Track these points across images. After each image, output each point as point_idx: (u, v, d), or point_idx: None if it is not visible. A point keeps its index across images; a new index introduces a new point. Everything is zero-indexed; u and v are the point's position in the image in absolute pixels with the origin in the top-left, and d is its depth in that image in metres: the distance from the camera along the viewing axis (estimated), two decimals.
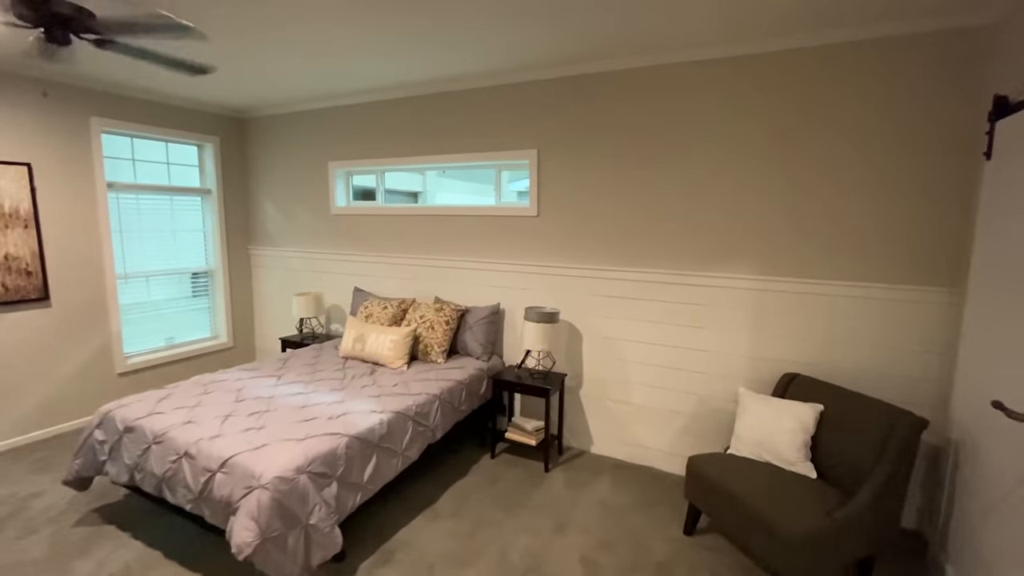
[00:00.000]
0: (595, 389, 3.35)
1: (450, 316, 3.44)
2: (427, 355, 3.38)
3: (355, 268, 4.21)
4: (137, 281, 4.09)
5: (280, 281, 4.69)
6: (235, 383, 2.89)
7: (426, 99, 3.67)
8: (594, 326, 3.29)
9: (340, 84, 3.61)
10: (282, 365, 3.26)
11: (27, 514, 2.61)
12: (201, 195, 4.51)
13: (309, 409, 2.53)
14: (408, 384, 2.93)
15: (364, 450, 2.33)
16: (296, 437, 2.21)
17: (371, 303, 3.75)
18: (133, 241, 4.03)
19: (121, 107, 3.78)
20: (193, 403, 2.58)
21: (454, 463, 3.20)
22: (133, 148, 4.05)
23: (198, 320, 4.62)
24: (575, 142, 3.19)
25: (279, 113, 4.41)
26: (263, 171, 4.62)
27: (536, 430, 3.20)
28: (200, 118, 4.33)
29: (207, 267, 4.60)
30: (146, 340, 4.21)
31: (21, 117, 3.26)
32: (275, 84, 3.64)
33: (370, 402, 2.63)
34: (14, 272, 3.29)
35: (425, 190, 12.32)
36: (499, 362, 3.56)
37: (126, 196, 3.95)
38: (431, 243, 3.82)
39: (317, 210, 4.34)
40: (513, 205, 3.57)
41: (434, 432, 2.80)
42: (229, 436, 2.22)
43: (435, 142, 3.69)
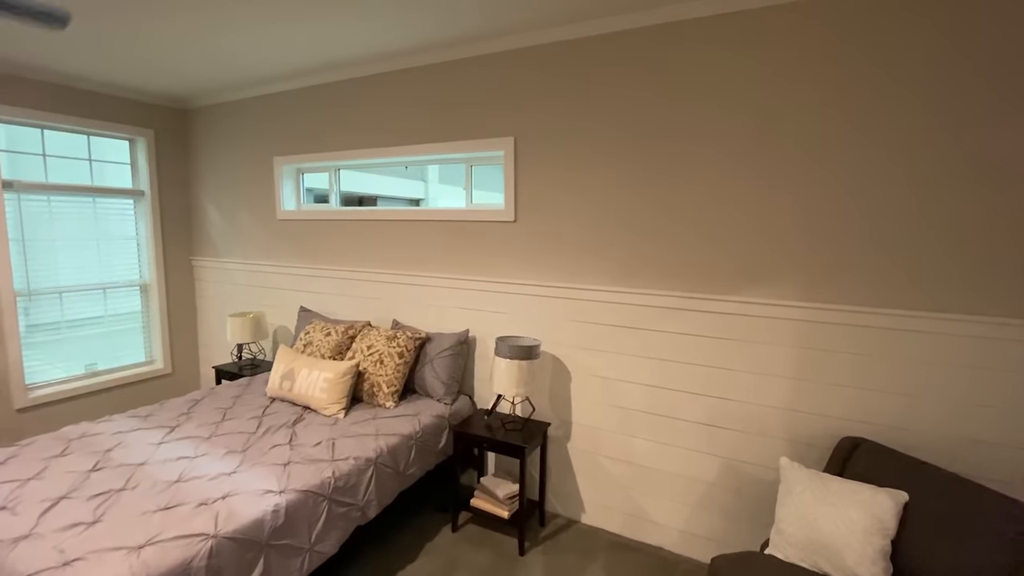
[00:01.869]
0: (586, 442, 2.62)
1: (405, 347, 2.74)
2: (373, 397, 2.68)
3: (303, 283, 3.53)
4: (46, 299, 3.44)
5: (224, 298, 4.02)
6: (110, 438, 2.21)
7: (381, 78, 2.99)
8: (585, 362, 2.57)
9: (285, 58, 2.94)
10: (187, 410, 2.57)
11: None
12: (133, 197, 3.87)
13: (179, 487, 1.83)
14: (335, 442, 2.22)
15: (243, 554, 1.63)
16: (132, 544, 1.51)
17: (314, 327, 3.06)
18: (41, 251, 3.38)
19: (22, 91, 3.15)
20: (31, 473, 1.89)
21: (400, 539, 2.48)
22: (44, 141, 3.42)
23: (130, 342, 3.96)
24: (562, 128, 2.49)
25: (222, 102, 3.76)
26: (206, 169, 3.97)
27: (509, 498, 2.47)
28: (130, 108, 3.70)
29: (140, 280, 3.95)
30: (60, 367, 3.55)
31: None
32: (211, 61, 2.97)
33: (270, 475, 1.92)
34: None
35: (427, 197, 11.75)
36: (466, 404, 2.84)
37: (32, 198, 3.31)
38: (389, 254, 3.13)
39: (262, 215, 3.67)
40: (485, 207, 2.87)
41: (364, 511, 2.09)
42: (40, 538, 1.53)
43: (393, 132, 3.01)
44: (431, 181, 11.96)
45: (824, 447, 2.06)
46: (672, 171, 2.26)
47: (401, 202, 10.96)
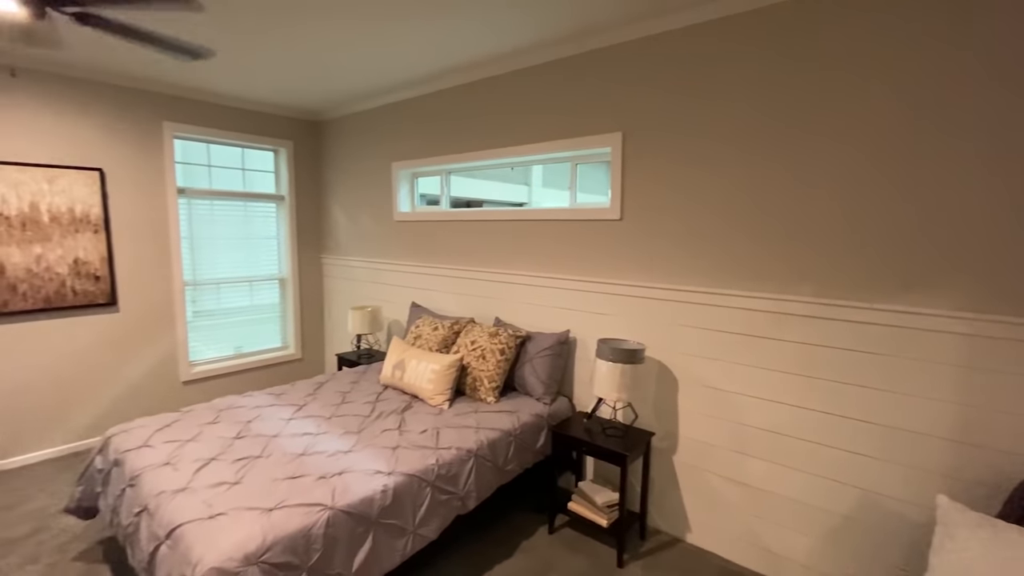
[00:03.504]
0: (695, 457, 2.44)
1: (506, 344, 2.77)
2: (475, 391, 2.74)
3: (415, 280, 3.73)
4: (207, 288, 4.02)
5: (346, 292, 4.40)
6: (250, 412, 2.50)
7: (490, 82, 3.07)
8: (695, 371, 2.40)
9: (398, 71, 3.15)
10: (313, 392, 2.83)
11: (42, 536, 2.43)
12: (275, 201, 4.39)
13: (304, 460, 2.01)
14: (439, 432, 2.30)
15: (355, 528, 1.74)
16: (265, 506, 1.68)
17: (423, 322, 3.21)
18: (204, 248, 3.96)
19: (194, 111, 3.72)
20: (189, 436, 2.21)
21: (495, 533, 2.50)
22: (209, 153, 4.01)
23: (269, 330, 4.49)
24: (674, 122, 2.35)
25: (347, 114, 4.13)
26: (333, 175, 4.38)
27: (608, 506, 2.38)
28: (274, 122, 4.20)
29: (279, 275, 4.47)
30: (214, 348, 4.13)
31: (93, 122, 3.27)
32: (341, 76, 3.29)
33: (380, 457, 2.04)
34: (83, 277, 3.29)
35: (530, 200, 11.93)
36: (566, 406, 2.80)
37: (199, 202, 3.89)
38: (494, 254, 3.20)
39: (381, 216, 3.95)
40: (590, 206, 2.81)
41: (464, 501, 2.13)
42: (193, 492, 1.76)
43: (500, 134, 3.07)
44: (534, 185, 12.11)
45: (994, 487, 1.70)
46: (804, 165, 2.02)
47: (505, 206, 11.24)
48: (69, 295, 3.24)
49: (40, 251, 3.12)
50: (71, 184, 3.20)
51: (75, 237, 3.24)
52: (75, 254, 3.25)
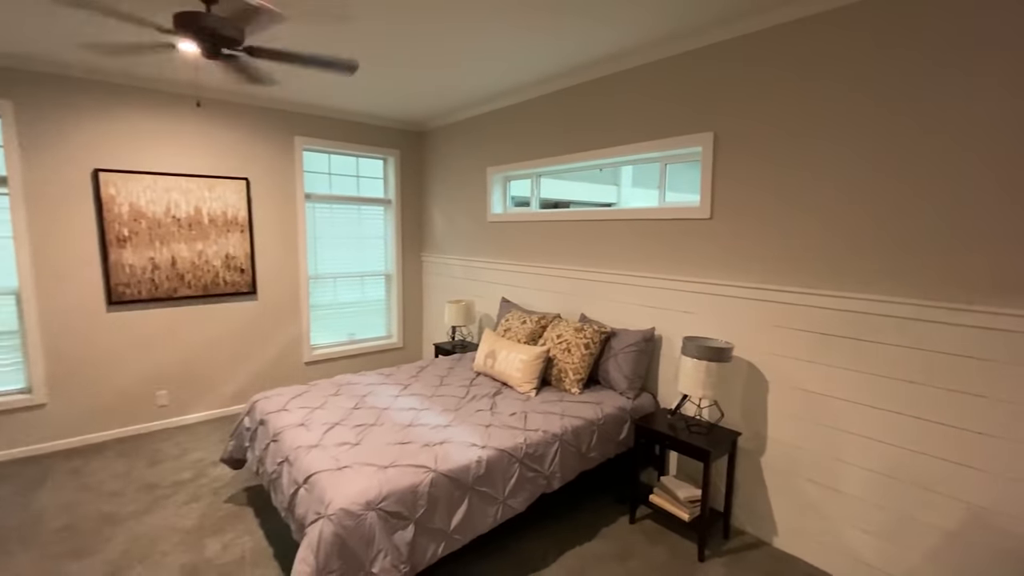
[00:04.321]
0: (784, 460, 2.39)
1: (591, 339, 2.89)
2: (560, 382, 2.89)
3: (506, 277, 3.96)
4: (326, 282, 4.57)
5: (442, 288, 4.76)
6: (364, 388, 2.86)
7: (577, 89, 3.21)
8: (786, 372, 2.36)
9: (496, 82, 3.40)
10: (415, 374, 3.16)
11: (201, 481, 2.97)
12: (383, 205, 4.86)
13: (411, 430, 2.29)
14: (527, 416, 2.49)
15: (454, 491, 1.97)
16: (380, 464, 1.97)
17: (512, 316, 3.43)
18: (325, 247, 4.51)
19: (319, 126, 4.26)
20: (317, 404, 2.59)
21: (578, 517, 2.63)
22: (330, 163, 4.55)
23: (375, 320, 4.98)
24: (769, 121, 2.34)
25: (447, 123, 4.47)
26: (434, 180, 4.76)
27: (690, 501, 2.42)
28: (384, 133, 4.66)
29: (385, 272, 4.94)
30: (331, 335, 4.67)
31: (241, 137, 3.88)
32: (441, 92, 3.63)
33: (474, 433, 2.27)
34: (232, 269, 3.92)
35: (619, 201, 11.86)
36: (649, 401, 2.86)
37: (322, 206, 4.44)
38: (581, 252, 3.33)
39: (476, 218, 4.25)
40: (679, 205, 2.84)
41: (549, 480, 2.29)
42: (323, 449, 2.10)
43: (589, 136, 3.19)
44: (624, 185, 12.01)
45: None
46: (913, 164, 1.94)
47: (594, 207, 11.27)
48: (221, 284, 3.88)
49: (201, 247, 3.77)
50: (225, 191, 3.83)
51: (227, 236, 3.87)
52: (226, 250, 3.88)
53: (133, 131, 3.44)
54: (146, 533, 2.46)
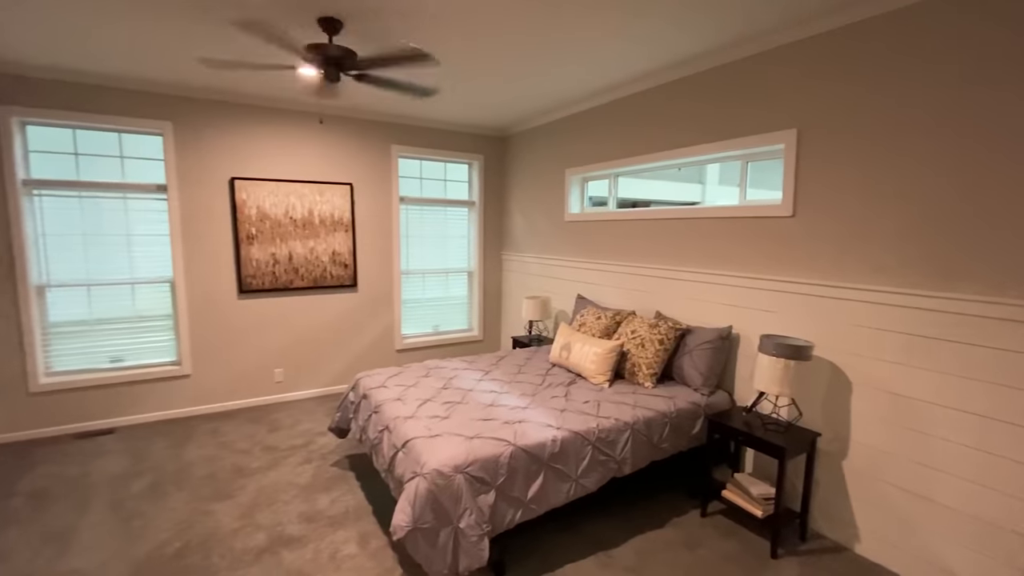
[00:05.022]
0: (867, 464, 2.33)
1: (665, 335, 2.95)
2: (633, 375, 2.99)
3: (581, 275, 4.10)
4: (415, 277, 4.97)
5: (520, 284, 4.99)
6: (450, 372, 3.14)
7: (656, 91, 3.28)
8: (872, 374, 2.29)
9: (575, 87, 3.57)
10: (495, 363, 3.40)
11: (312, 448, 3.41)
12: (467, 206, 5.19)
13: (492, 410, 2.52)
14: (600, 404, 2.62)
15: (530, 465, 2.16)
16: (466, 435, 2.20)
17: (587, 312, 3.57)
18: (415, 245, 4.91)
19: (413, 135, 4.66)
20: (411, 383, 2.91)
21: (649, 506, 2.72)
22: (421, 168, 4.95)
23: (458, 314, 5.32)
24: (861, 114, 2.29)
25: (528, 128, 4.70)
26: (514, 182, 5.01)
27: (764, 498, 2.42)
28: (470, 139, 4.98)
29: (467, 269, 5.26)
30: (418, 326, 5.07)
31: (347, 147, 4.36)
32: (523, 99, 3.86)
33: (550, 415, 2.45)
34: (338, 264, 4.41)
35: (703, 199, 11.50)
36: (724, 399, 2.87)
37: (413, 208, 4.85)
38: (658, 251, 3.39)
39: (553, 218, 4.43)
40: (759, 203, 2.83)
41: (620, 465, 2.42)
42: (418, 420, 2.38)
43: (667, 136, 3.26)
44: (709, 183, 11.63)
45: None
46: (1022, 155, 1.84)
47: (676, 205, 11.03)
48: (328, 278, 4.38)
49: (312, 245, 4.29)
50: (333, 195, 4.32)
51: (333, 235, 4.36)
52: (333, 247, 4.37)
53: (262, 144, 4.00)
54: (270, 485, 2.90)
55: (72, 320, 3.63)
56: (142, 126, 3.60)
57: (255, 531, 2.46)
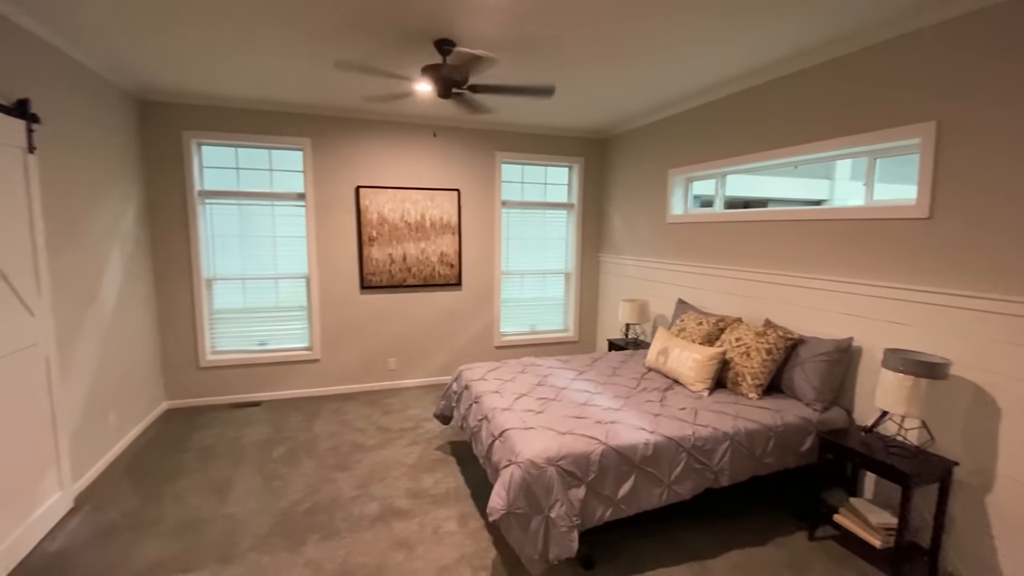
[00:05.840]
0: (1020, 503, 2.02)
1: (774, 344, 2.79)
2: (736, 385, 2.86)
3: (683, 279, 3.99)
4: (514, 278, 5.16)
5: (618, 287, 4.96)
6: (545, 370, 3.25)
7: (768, 87, 3.09)
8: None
9: (679, 87, 3.49)
10: (590, 363, 3.44)
11: (419, 432, 3.72)
12: (567, 209, 5.27)
13: (585, 408, 2.58)
14: (697, 412, 2.56)
15: (621, 465, 2.19)
16: (559, 430, 2.29)
17: (688, 317, 3.47)
18: (515, 247, 5.11)
19: (515, 141, 4.85)
20: (508, 377, 3.06)
21: (749, 522, 2.59)
22: (523, 173, 5.12)
23: (554, 315, 5.42)
24: (1013, 105, 2.00)
25: (628, 129, 4.65)
26: (614, 184, 4.99)
27: (884, 528, 2.21)
28: (570, 143, 5.06)
29: (565, 270, 5.35)
30: (515, 324, 5.26)
31: (455, 155, 4.66)
32: (625, 101, 3.86)
33: (643, 419, 2.45)
34: (445, 264, 4.74)
35: (832, 197, 10.42)
36: (841, 416, 2.64)
37: (514, 211, 5.04)
38: (770, 254, 3.20)
39: (654, 219, 4.35)
40: (889, 203, 2.57)
41: (717, 476, 2.35)
42: (514, 412, 2.52)
43: (781, 133, 3.06)
44: (839, 179, 10.48)
45: None
46: None
47: (797, 204, 10.10)
48: (436, 277, 4.72)
49: (423, 246, 4.65)
50: (442, 201, 4.65)
51: (442, 237, 4.69)
52: (441, 249, 4.70)
53: (383, 155, 4.43)
54: (382, 461, 3.22)
55: (230, 308, 4.32)
56: (287, 142, 4.18)
57: (369, 501, 2.77)
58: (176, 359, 4.13)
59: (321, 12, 2.37)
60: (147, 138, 3.85)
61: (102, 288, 3.18)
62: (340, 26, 2.52)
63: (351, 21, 2.46)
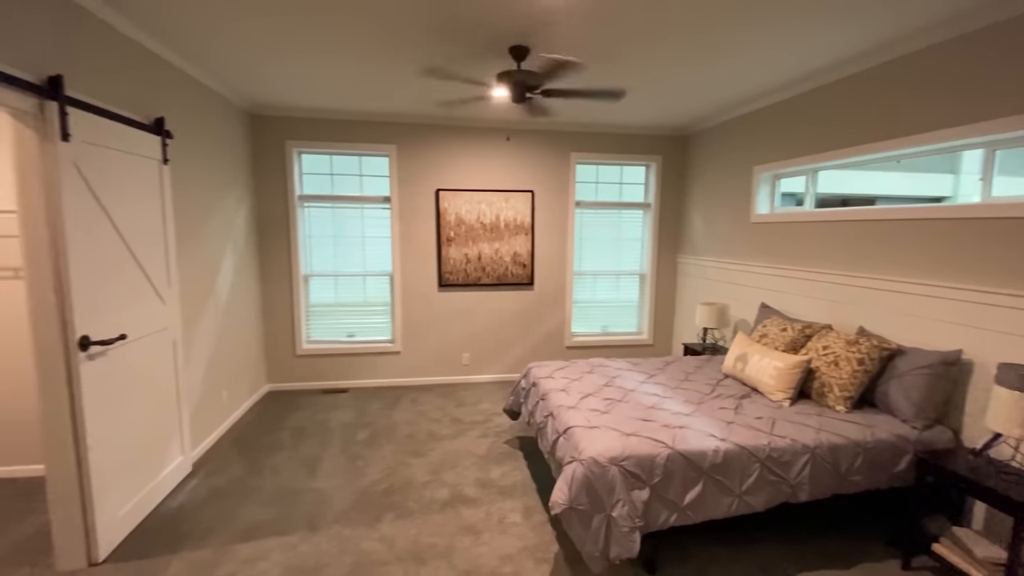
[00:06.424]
0: None
1: (867, 354, 2.57)
2: (822, 396, 2.67)
3: (767, 282, 3.77)
4: (586, 278, 5.15)
5: (696, 289, 4.78)
6: (614, 371, 3.24)
7: (870, 74, 2.84)
8: None
9: (767, 80, 3.32)
10: (662, 367, 3.37)
11: (489, 425, 3.84)
12: (643, 209, 5.17)
13: (653, 411, 2.54)
14: (775, 422, 2.43)
15: (688, 471, 2.14)
16: (624, 431, 2.29)
17: (771, 322, 3.28)
18: (588, 247, 5.09)
19: (591, 141, 4.84)
20: (575, 377, 3.09)
21: (831, 544, 2.41)
22: (598, 173, 5.10)
23: (627, 317, 5.34)
24: None
25: (710, 126, 4.47)
26: (694, 183, 4.82)
27: (991, 562, 1.97)
28: (647, 141, 4.96)
29: (640, 271, 5.24)
30: (587, 325, 5.24)
31: (529, 156, 4.74)
32: (707, 96, 3.74)
33: (715, 426, 2.37)
34: (517, 264, 4.84)
35: (955, 194, 9.25)
36: (945, 436, 2.38)
37: (588, 211, 5.03)
38: (867, 256, 2.95)
39: (737, 219, 4.15)
40: (1010, 201, 2.27)
41: (795, 490, 2.21)
42: (579, 410, 2.55)
43: (883, 124, 2.81)
44: (965, 172, 9.25)
45: None
46: None
47: (909, 202, 9.07)
48: (509, 276, 4.84)
49: (497, 246, 4.78)
50: (516, 202, 4.76)
51: (515, 238, 4.80)
52: (514, 249, 4.81)
53: (461, 159, 4.63)
54: (454, 451, 3.38)
55: (323, 303, 4.72)
56: (375, 149, 4.50)
57: (440, 486, 2.92)
58: (277, 347, 4.60)
59: (408, 28, 2.54)
60: (257, 148, 4.33)
61: (218, 282, 3.63)
62: (425, 39, 2.69)
63: (436, 33, 2.61)
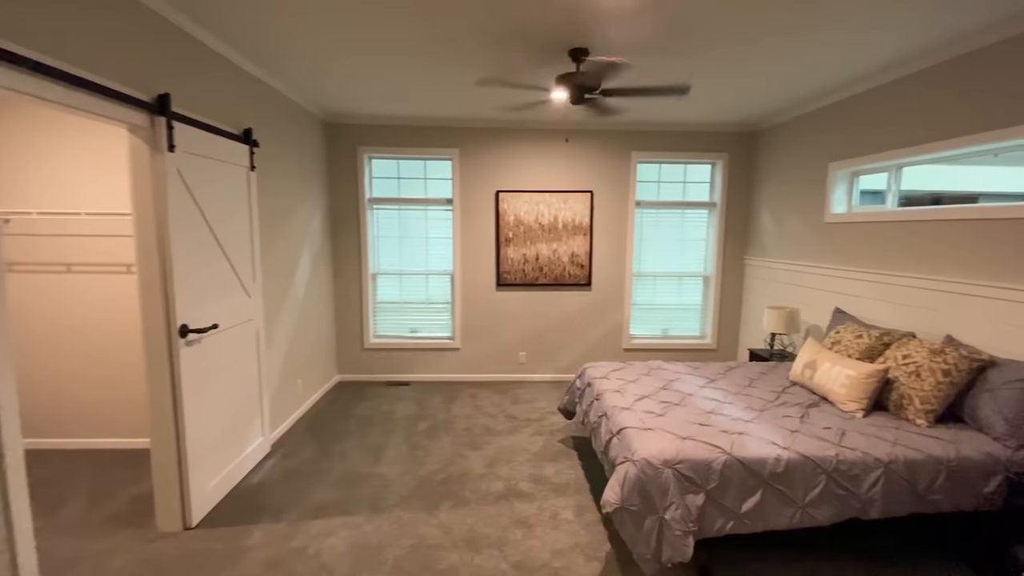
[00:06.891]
0: None
1: (954, 365, 2.37)
2: (901, 408, 2.49)
3: (842, 286, 3.54)
4: (646, 280, 5.06)
5: (764, 292, 4.57)
6: (671, 374, 3.18)
7: (962, 60, 2.60)
8: None
9: (843, 72, 3.12)
10: (723, 372, 3.26)
11: (543, 423, 3.89)
12: (708, 208, 5.00)
13: (711, 416, 2.48)
14: (844, 433, 2.30)
15: (747, 479, 2.08)
16: (679, 434, 2.25)
17: (845, 329, 3.09)
18: (648, 248, 5.00)
19: (652, 140, 4.76)
20: (632, 379, 3.07)
21: (908, 566, 2.23)
22: (660, 172, 5.00)
23: (689, 321, 5.18)
24: None
25: (781, 122, 4.25)
26: (763, 181, 4.60)
27: None
28: (712, 138, 4.79)
29: (704, 273, 5.08)
30: (646, 328, 5.15)
31: (589, 157, 4.73)
32: (776, 91, 3.58)
33: (777, 433, 2.28)
34: (575, 265, 4.85)
35: None
36: None
37: (649, 211, 4.95)
38: (957, 259, 2.71)
39: (810, 218, 3.92)
40: None
41: (865, 506, 2.09)
42: (633, 412, 2.54)
43: (978, 114, 2.57)
44: None
45: None
46: None
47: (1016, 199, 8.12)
48: (566, 276, 4.86)
49: (555, 247, 4.82)
50: (575, 203, 4.77)
51: (573, 238, 4.81)
52: (572, 249, 4.83)
53: (520, 161, 4.71)
54: (509, 446, 3.46)
55: (389, 300, 4.97)
56: (439, 153, 4.68)
57: (495, 479, 3.00)
58: (346, 340, 4.89)
59: (472, 38, 2.65)
60: (331, 154, 4.63)
61: (295, 278, 3.93)
62: (487, 47, 2.78)
63: (497, 41, 2.70)
